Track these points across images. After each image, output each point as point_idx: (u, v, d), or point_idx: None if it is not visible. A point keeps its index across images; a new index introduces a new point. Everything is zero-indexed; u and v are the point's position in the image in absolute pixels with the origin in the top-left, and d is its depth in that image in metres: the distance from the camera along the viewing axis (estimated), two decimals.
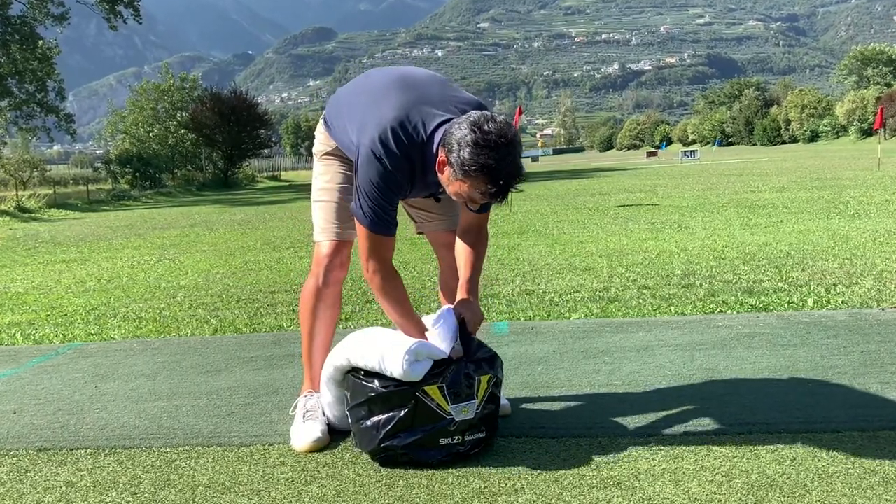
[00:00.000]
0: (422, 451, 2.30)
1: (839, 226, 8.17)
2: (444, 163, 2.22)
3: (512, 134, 2.16)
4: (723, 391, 2.91)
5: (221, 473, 2.35)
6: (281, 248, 9.12)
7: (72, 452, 2.60)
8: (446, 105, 2.34)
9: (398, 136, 2.27)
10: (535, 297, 5.04)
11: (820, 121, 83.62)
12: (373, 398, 2.33)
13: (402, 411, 2.29)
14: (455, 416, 2.31)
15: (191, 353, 4.02)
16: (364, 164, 2.29)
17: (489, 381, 2.40)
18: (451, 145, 2.17)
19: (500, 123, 2.16)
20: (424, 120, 2.29)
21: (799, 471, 2.15)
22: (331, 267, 2.59)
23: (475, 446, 2.35)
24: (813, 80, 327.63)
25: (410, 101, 2.33)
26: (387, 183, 2.28)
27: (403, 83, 2.42)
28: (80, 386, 3.47)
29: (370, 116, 2.35)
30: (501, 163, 2.12)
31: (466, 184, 2.17)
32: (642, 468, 2.22)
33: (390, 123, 2.28)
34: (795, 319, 4.03)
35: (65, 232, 14.33)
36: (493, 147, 2.12)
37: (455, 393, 2.31)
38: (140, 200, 27.18)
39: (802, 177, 18.63)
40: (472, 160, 2.12)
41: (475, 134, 2.13)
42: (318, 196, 2.68)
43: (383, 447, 2.31)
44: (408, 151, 2.27)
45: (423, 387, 2.29)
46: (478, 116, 2.18)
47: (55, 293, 6.52)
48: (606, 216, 10.91)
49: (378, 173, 2.27)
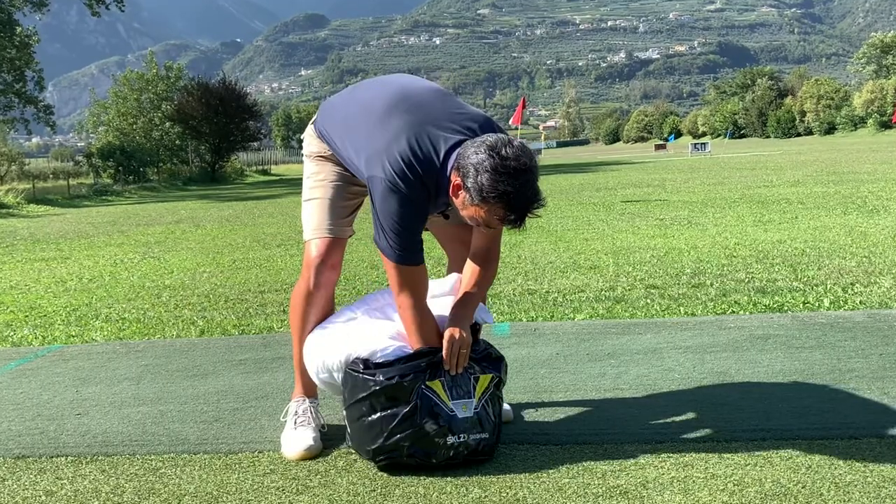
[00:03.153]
0: (427, 451, 2.31)
1: (857, 222, 8.18)
2: (458, 187, 2.23)
3: (530, 159, 2.19)
4: (735, 396, 2.91)
5: (208, 482, 2.34)
6: (271, 246, 9.11)
7: (52, 460, 2.60)
8: (453, 124, 2.35)
9: (412, 165, 2.28)
10: (537, 297, 5.04)
11: (837, 112, 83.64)
12: (376, 392, 2.33)
13: (406, 407, 2.31)
14: (457, 413, 2.33)
15: (176, 355, 4.01)
16: (382, 197, 2.30)
17: (491, 382, 2.43)
18: (466, 169, 2.19)
19: (517, 148, 2.19)
20: (435, 144, 2.31)
21: (814, 479, 2.15)
22: (322, 268, 2.57)
23: (481, 449, 2.36)
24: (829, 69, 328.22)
25: (417, 123, 2.34)
26: (409, 211, 2.29)
27: (405, 103, 2.41)
28: (60, 390, 3.47)
29: (377, 144, 2.35)
30: (521, 190, 2.15)
31: (483, 209, 2.20)
32: (650, 476, 2.22)
33: (401, 153, 2.28)
34: (811, 320, 4.03)
35: (44, 228, 14.31)
36: (513, 174, 2.14)
37: (454, 388, 2.35)
38: (123, 196, 27.15)
39: (818, 171, 18.65)
40: (491, 187, 2.14)
41: (493, 160, 2.15)
42: (309, 194, 2.66)
43: (388, 445, 2.31)
44: (422, 178, 2.29)
45: (427, 381, 2.32)
46: (495, 141, 2.20)
47: (34, 293, 6.52)
48: (612, 212, 10.91)
49: (399, 204, 2.28)
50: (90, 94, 52.68)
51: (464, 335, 2.39)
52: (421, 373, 2.33)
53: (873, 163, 21.19)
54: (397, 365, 2.35)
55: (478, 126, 2.37)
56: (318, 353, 2.52)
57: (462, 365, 2.39)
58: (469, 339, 2.41)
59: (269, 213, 15.10)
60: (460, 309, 2.46)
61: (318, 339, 2.54)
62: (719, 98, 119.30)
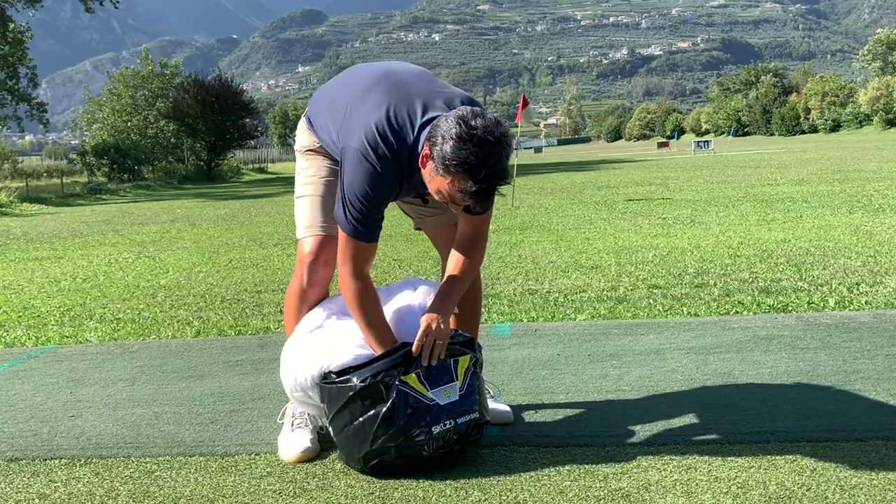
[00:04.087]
0: (417, 446, 2.30)
1: (862, 221, 8.18)
2: (426, 157, 2.22)
3: (500, 132, 2.16)
4: (738, 397, 2.91)
5: (204, 485, 2.34)
6: (268, 245, 9.11)
7: (45, 462, 2.60)
8: (434, 101, 2.34)
9: (386, 136, 2.27)
10: (538, 297, 5.04)
11: (842, 109, 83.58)
12: (353, 397, 2.33)
13: (384, 407, 2.30)
14: (438, 401, 2.32)
15: (172, 356, 4.01)
16: (350, 166, 2.29)
17: (470, 361, 2.43)
18: (434, 139, 2.18)
19: (488, 120, 2.16)
20: (412, 118, 2.29)
21: (819, 482, 2.15)
22: (315, 266, 2.57)
23: (473, 431, 2.37)
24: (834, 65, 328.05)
25: (396, 98, 2.33)
26: (374, 186, 2.28)
27: (388, 80, 2.42)
28: (54, 392, 3.47)
29: (355, 116, 2.35)
30: (485, 160, 2.12)
31: (447, 181, 2.17)
32: (653, 479, 2.22)
33: (376, 123, 2.28)
34: (816, 321, 4.03)
35: (37, 227, 14.31)
36: (478, 143, 2.12)
37: (431, 376, 2.34)
38: (118, 194, 27.13)
39: (823, 169, 18.65)
40: (454, 154, 2.12)
41: (460, 128, 2.13)
42: (301, 191, 2.67)
43: (375, 449, 2.31)
44: (395, 152, 2.27)
45: (402, 377, 2.32)
46: (466, 111, 2.18)
47: (27, 293, 6.51)
48: (614, 211, 10.91)
49: (366, 176, 2.27)
50: (84, 92, 52.70)
51: (441, 327, 2.35)
52: (394, 369, 2.32)
53: (879, 161, 21.19)
54: (369, 366, 2.34)
55: (459, 104, 2.34)
56: (289, 371, 2.51)
57: (437, 356, 2.35)
58: (448, 331, 2.38)
59: (265, 211, 15.10)
60: (442, 300, 2.43)
61: (288, 356, 2.53)
62: (723, 95, 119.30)
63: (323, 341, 2.46)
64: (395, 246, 7.92)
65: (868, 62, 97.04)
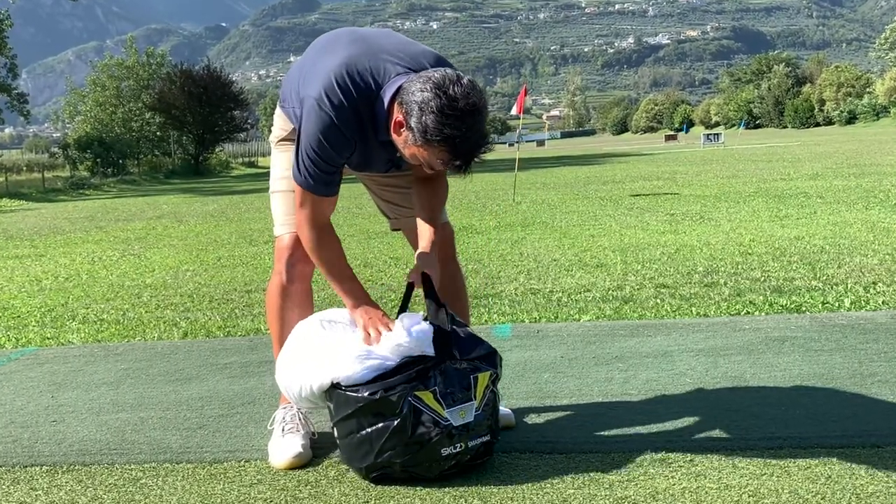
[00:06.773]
0: (422, 466, 2.29)
1: (879, 217, 8.19)
2: (400, 124, 2.22)
3: (479, 100, 2.17)
4: (749, 401, 2.91)
5: (192, 493, 2.34)
6: (258, 243, 9.11)
7: (26, 469, 2.60)
8: (399, 56, 2.34)
9: (346, 85, 2.27)
10: (541, 297, 5.04)
11: (858, 100, 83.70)
12: (362, 408, 2.32)
13: (396, 421, 2.28)
14: (453, 422, 2.29)
15: (158, 359, 4.01)
16: (308, 116, 2.30)
17: (489, 378, 2.41)
18: (410, 107, 2.18)
19: (465, 87, 2.16)
20: (375, 70, 2.30)
21: (834, 490, 2.15)
22: (293, 260, 2.58)
23: (481, 453, 2.36)
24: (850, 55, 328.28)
25: (360, 51, 2.35)
26: (329, 136, 2.29)
27: (350, 35, 2.46)
28: (34, 396, 3.46)
29: (316, 68, 2.37)
30: (467, 133, 2.14)
31: (426, 150, 2.19)
32: (660, 487, 2.22)
33: (337, 72, 2.29)
34: (831, 322, 4.03)
35: (17, 224, 14.30)
36: (460, 116, 2.13)
37: (449, 395, 2.31)
38: (101, 189, 27.15)
39: (838, 163, 18.67)
40: (436, 129, 2.13)
41: (440, 100, 2.13)
42: (276, 186, 2.68)
43: (379, 462, 2.30)
44: (356, 104, 2.28)
45: (416, 392, 2.29)
46: (441, 77, 2.17)
47: (7, 293, 6.51)
48: (620, 207, 10.92)
49: (323, 126, 2.28)
50: (66, 82, 52.67)
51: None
52: (408, 384, 2.29)
53: None
54: (380, 380, 2.30)
55: (427, 62, 2.34)
56: (293, 380, 2.47)
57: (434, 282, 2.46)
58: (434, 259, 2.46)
59: (256, 207, 15.09)
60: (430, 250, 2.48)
61: (286, 363, 2.51)
62: (733, 86, 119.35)
63: (325, 350, 2.42)
64: (390, 243, 7.92)
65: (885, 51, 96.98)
